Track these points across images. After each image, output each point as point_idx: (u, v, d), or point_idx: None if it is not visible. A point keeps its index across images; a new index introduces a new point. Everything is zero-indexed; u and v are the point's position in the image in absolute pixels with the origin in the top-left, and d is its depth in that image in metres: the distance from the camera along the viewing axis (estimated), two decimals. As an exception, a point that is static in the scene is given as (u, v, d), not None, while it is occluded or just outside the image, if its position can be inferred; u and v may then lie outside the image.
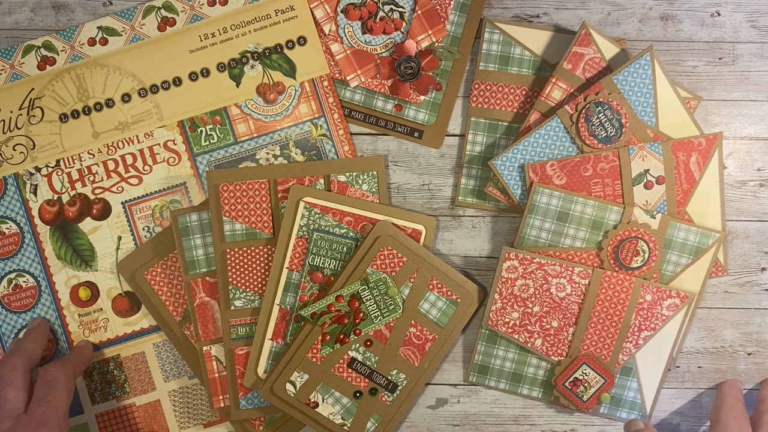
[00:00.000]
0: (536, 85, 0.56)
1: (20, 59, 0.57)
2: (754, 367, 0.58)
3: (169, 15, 0.57)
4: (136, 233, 0.57)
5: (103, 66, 0.57)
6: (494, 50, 0.56)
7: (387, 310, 0.55)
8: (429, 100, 0.57)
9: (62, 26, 0.57)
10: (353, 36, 0.57)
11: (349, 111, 0.58)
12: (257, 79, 0.57)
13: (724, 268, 0.56)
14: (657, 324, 0.54)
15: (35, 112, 0.57)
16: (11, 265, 0.57)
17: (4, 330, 0.57)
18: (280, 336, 0.55)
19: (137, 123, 0.57)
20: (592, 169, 0.54)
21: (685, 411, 0.58)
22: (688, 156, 0.54)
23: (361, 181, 0.56)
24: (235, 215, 0.55)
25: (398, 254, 0.54)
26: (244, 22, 0.57)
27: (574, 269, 0.54)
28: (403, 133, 0.58)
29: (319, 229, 0.55)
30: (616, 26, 0.57)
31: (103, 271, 0.57)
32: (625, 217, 0.54)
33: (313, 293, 0.55)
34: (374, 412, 0.56)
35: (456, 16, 0.56)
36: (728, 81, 0.57)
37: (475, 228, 0.58)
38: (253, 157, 0.57)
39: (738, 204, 0.58)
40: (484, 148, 0.57)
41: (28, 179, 0.57)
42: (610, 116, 0.53)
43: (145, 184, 0.57)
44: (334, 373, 0.55)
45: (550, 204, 0.54)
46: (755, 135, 0.58)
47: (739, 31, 0.57)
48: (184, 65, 0.57)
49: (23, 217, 0.57)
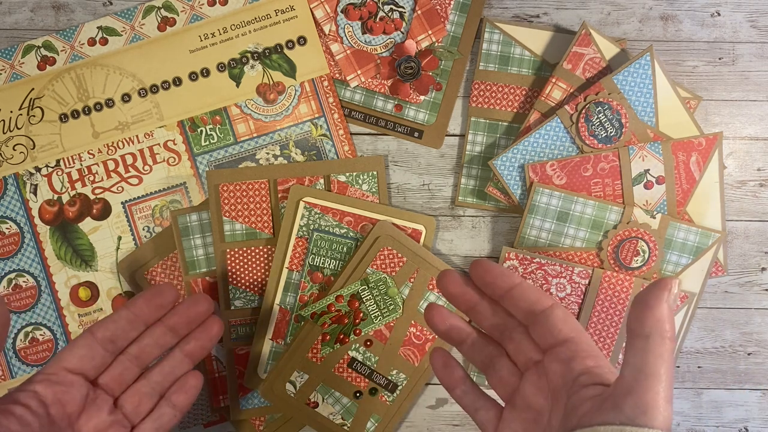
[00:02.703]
0: (536, 85, 0.56)
1: (20, 59, 0.57)
2: (754, 367, 0.58)
3: (169, 15, 0.57)
4: (136, 233, 0.57)
5: (103, 66, 0.57)
6: (494, 50, 0.56)
7: (387, 310, 0.55)
8: (429, 100, 0.57)
9: (62, 26, 0.57)
10: (353, 36, 0.57)
11: (349, 111, 0.58)
12: (257, 79, 0.57)
13: (724, 268, 0.57)
14: (657, 324, 0.54)
15: (35, 112, 0.57)
16: (11, 265, 0.57)
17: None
18: (280, 336, 0.55)
19: (137, 123, 0.57)
20: (592, 169, 0.54)
21: (685, 411, 0.58)
22: (688, 156, 0.54)
23: (361, 181, 0.56)
24: (235, 215, 0.55)
25: (398, 254, 0.54)
26: (244, 22, 0.57)
27: (574, 269, 0.54)
28: (403, 133, 0.58)
29: (319, 229, 0.55)
30: (616, 26, 0.57)
31: (103, 271, 0.57)
32: (625, 217, 0.54)
33: (313, 293, 0.55)
34: (374, 412, 0.56)
35: (456, 16, 0.56)
36: (728, 81, 0.57)
37: (475, 228, 0.58)
38: (253, 157, 0.57)
39: (738, 204, 0.58)
40: (484, 148, 0.57)
41: (28, 179, 0.57)
42: (610, 116, 0.53)
43: (145, 184, 0.57)
44: (334, 373, 0.55)
45: (550, 204, 0.54)
46: (755, 135, 0.58)
47: (739, 31, 0.57)
48: (184, 65, 0.57)
49: (23, 217, 0.57)
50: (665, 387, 0.30)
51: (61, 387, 0.40)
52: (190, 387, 0.44)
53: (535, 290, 0.37)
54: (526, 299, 0.37)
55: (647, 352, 0.31)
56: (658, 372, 0.30)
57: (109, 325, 0.42)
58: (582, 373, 0.34)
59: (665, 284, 0.32)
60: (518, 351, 0.38)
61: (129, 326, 0.42)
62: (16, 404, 0.38)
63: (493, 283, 0.37)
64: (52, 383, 0.39)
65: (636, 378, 0.31)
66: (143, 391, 0.43)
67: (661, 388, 0.30)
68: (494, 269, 0.37)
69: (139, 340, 0.43)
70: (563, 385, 0.34)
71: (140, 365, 0.43)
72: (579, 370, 0.34)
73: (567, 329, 0.35)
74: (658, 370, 0.30)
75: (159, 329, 0.44)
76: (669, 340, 0.31)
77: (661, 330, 0.31)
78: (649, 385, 0.30)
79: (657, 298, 0.32)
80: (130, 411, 0.43)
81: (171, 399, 0.44)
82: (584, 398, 0.32)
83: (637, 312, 0.32)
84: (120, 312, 0.43)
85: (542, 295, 0.36)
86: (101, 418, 0.41)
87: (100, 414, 0.41)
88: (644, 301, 0.32)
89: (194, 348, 0.45)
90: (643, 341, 0.31)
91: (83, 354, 0.41)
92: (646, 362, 0.31)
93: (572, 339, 0.35)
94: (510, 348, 0.39)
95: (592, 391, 0.32)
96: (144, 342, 0.43)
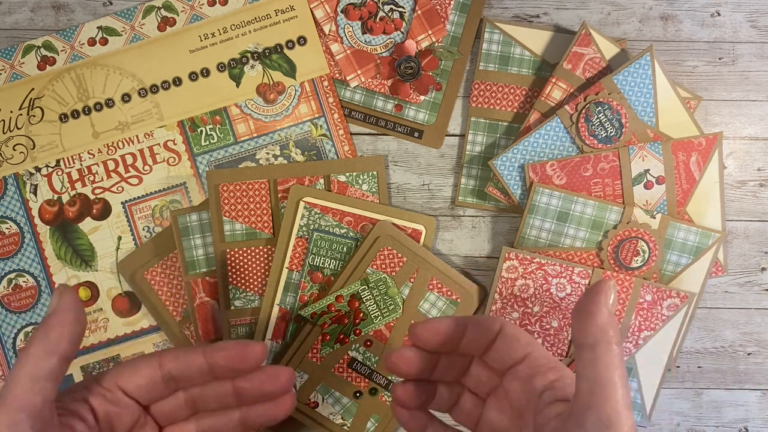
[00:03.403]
0: (536, 85, 0.56)
1: (20, 59, 0.57)
2: (754, 367, 0.58)
3: (169, 15, 0.57)
4: (136, 233, 0.57)
5: (103, 66, 0.57)
6: (494, 50, 0.56)
7: (387, 310, 0.55)
8: (429, 100, 0.57)
9: (62, 26, 0.57)
10: (353, 36, 0.57)
11: (349, 111, 0.58)
12: (257, 79, 0.57)
13: (724, 268, 0.57)
14: (657, 324, 0.54)
15: (35, 112, 0.57)
16: (11, 265, 0.57)
17: (3, 330, 0.57)
18: (280, 336, 0.55)
19: (137, 123, 0.57)
20: (592, 169, 0.54)
21: (685, 411, 0.58)
22: (688, 156, 0.54)
23: (361, 181, 0.56)
24: (235, 215, 0.55)
25: (398, 254, 0.54)
26: (244, 22, 0.57)
27: (574, 269, 0.54)
28: (403, 133, 0.58)
29: (319, 229, 0.55)
30: (616, 26, 0.57)
31: (103, 271, 0.57)
32: (625, 217, 0.54)
33: (313, 293, 0.55)
34: (374, 412, 0.56)
35: (456, 16, 0.56)
36: (728, 81, 0.57)
37: (475, 228, 0.58)
38: (253, 157, 0.57)
39: (738, 204, 0.58)
40: (484, 148, 0.57)
41: (28, 179, 0.57)
42: (610, 116, 0.53)
43: (145, 184, 0.57)
44: (334, 373, 0.55)
45: (550, 204, 0.54)
46: (755, 135, 0.58)
47: (739, 31, 0.57)
48: (184, 65, 0.57)
49: (23, 217, 0.57)
50: (622, 394, 0.30)
51: (116, 408, 0.37)
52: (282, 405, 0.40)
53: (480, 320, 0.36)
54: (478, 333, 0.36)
55: (597, 362, 0.30)
56: (612, 380, 0.30)
57: (180, 365, 0.38)
58: (545, 389, 0.33)
59: (601, 288, 0.31)
60: (478, 382, 0.38)
61: (198, 375, 0.39)
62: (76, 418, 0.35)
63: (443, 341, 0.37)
64: (107, 401, 0.37)
65: (592, 390, 0.30)
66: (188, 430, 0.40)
67: (619, 396, 0.29)
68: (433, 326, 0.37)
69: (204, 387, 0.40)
70: (527, 402, 0.34)
71: (193, 410, 0.40)
72: (541, 387, 0.33)
73: (521, 346, 0.35)
74: (611, 378, 0.30)
75: (226, 387, 0.40)
76: (616, 345, 0.30)
77: (606, 337, 0.30)
78: (607, 395, 0.29)
79: (596, 304, 0.31)
80: None
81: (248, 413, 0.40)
82: (549, 417, 0.32)
83: (579, 321, 0.31)
84: (196, 354, 0.38)
85: (488, 320, 0.36)
86: None
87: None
88: (584, 310, 0.31)
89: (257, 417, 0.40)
90: (590, 351, 0.31)
91: (143, 383, 0.38)
92: (598, 373, 0.30)
93: (529, 355, 0.35)
94: (469, 383, 0.38)
95: (556, 409, 0.32)
96: (206, 392, 0.40)
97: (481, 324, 0.36)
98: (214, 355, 0.38)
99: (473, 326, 0.36)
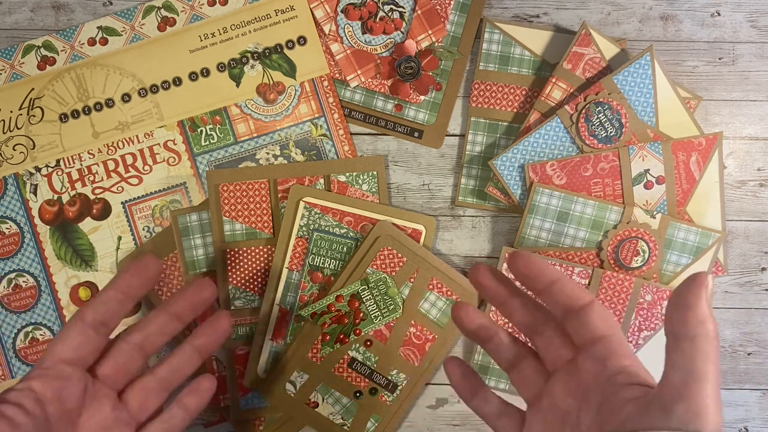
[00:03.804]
0: (536, 85, 0.56)
1: (20, 59, 0.57)
2: (754, 367, 0.58)
3: (169, 15, 0.57)
4: (136, 233, 0.57)
5: (103, 66, 0.57)
6: (494, 50, 0.56)
7: (387, 310, 0.55)
8: (429, 100, 0.57)
9: (62, 26, 0.57)
10: (353, 36, 0.57)
11: (349, 111, 0.58)
12: (257, 79, 0.57)
13: (724, 268, 0.56)
14: (657, 324, 0.54)
15: (35, 112, 0.57)
16: (11, 265, 0.57)
17: (3, 330, 0.57)
18: (280, 336, 0.55)
19: (137, 123, 0.57)
20: (592, 169, 0.54)
21: (685, 411, 0.58)
22: (688, 156, 0.54)
23: (361, 181, 0.56)
24: (235, 215, 0.55)
25: (398, 254, 0.54)
26: (244, 22, 0.57)
27: (574, 269, 0.54)
28: (403, 133, 0.58)
29: (319, 229, 0.55)
30: (616, 26, 0.57)
31: (103, 271, 0.57)
32: (625, 217, 0.54)
33: (313, 293, 0.55)
34: (374, 412, 0.56)
35: (456, 16, 0.56)
36: (728, 81, 0.57)
37: (475, 228, 0.58)
38: (253, 157, 0.57)
39: (738, 204, 0.58)
40: (484, 148, 0.57)
41: (28, 179, 0.57)
42: (610, 116, 0.53)
43: (145, 184, 0.57)
44: (334, 373, 0.55)
45: (550, 204, 0.54)
46: (755, 135, 0.58)
47: (739, 31, 0.57)
48: (184, 65, 0.57)
49: (23, 217, 0.57)
50: (714, 387, 0.30)
51: (59, 381, 0.36)
52: (204, 390, 0.42)
53: (575, 285, 0.36)
54: (566, 294, 0.35)
55: (694, 354, 0.30)
56: (707, 374, 0.30)
57: (99, 307, 0.38)
58: (618, 372, 0.33)
59: (702, 281, 0.31)
60: (548, 348, 0.37)
61: (119, 306, 0.39)
62: (7, 404, 0.35)
63: (533, 277, 0.36)
64: (49, 378, 0.36)
65: (686, 381, 0.30)
66: (150, 387, 0.40)
67: (711, 389, 0.29)
68: (535, 262, 0.36)
69: (142, 327, 0.40)
70: (596, 384, 0.33)
71: (144, 355, 0.40)
72: (615, 369, 0.33)
73: (604, 327, 0.34)
74: (707, 372, 0.30)
75: (162, 316, 0.40)
76: (714, 338, 0.31)
77: (705, 330, 0.30)
78: (700, 387, 0.29)
79: (696, 296, 0.31)
80: (136, 408, 0.40)
81: (183, 401, 0.41)
82: (625, 399, 0.31)
83: (678, 313, 0.31)
84: (107, 292, 0.39)
85: (582, 291, 0.35)
86: (104, 414, 0.38)
87: (103, 409, 0.38)
88: (684, 303, 0.31)
89: (204, 343, 0.42)
90: (689, 343, 0.30)
91: (77, 341, 0.38)
92: (694, 364, 0.30)
93: (608, 337, 0.34)
94: (539, 345, 0.37)
95: (634, 392, 0.31)
96: (148, 329, 0.40)
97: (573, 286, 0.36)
98: (121, 280, 0.39)
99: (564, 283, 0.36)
